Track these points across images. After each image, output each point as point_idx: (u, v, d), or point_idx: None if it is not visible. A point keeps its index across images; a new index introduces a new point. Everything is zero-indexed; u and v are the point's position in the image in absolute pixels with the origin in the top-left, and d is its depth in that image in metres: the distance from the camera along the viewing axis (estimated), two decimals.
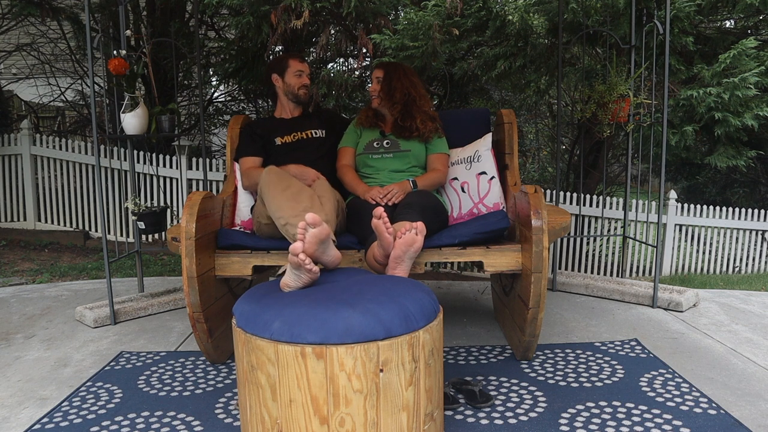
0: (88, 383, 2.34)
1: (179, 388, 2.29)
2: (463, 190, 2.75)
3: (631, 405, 2.07)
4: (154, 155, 5.29)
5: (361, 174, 2.82)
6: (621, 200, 5.30)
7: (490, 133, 2.85)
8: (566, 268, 5.24)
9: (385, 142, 2.82)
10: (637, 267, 5.42)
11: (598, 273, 5.33)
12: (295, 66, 2.91)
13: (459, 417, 2.02)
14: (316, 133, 2.92)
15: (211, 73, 6.18)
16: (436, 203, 2.53)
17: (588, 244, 5.32)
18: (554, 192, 4.23)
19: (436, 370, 1.71)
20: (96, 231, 5.55)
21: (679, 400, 2.10)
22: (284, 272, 1.98)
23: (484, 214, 2.64)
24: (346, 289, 1.73)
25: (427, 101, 2.91)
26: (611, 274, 5.31)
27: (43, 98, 7.60)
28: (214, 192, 4.55)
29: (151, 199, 5.37)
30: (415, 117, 2.78)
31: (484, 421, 1.99)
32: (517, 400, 2.14)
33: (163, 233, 3.65)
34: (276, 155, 2.82)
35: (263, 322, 1.60)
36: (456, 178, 2.80)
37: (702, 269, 5.58)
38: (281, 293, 1.75)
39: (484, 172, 2.73)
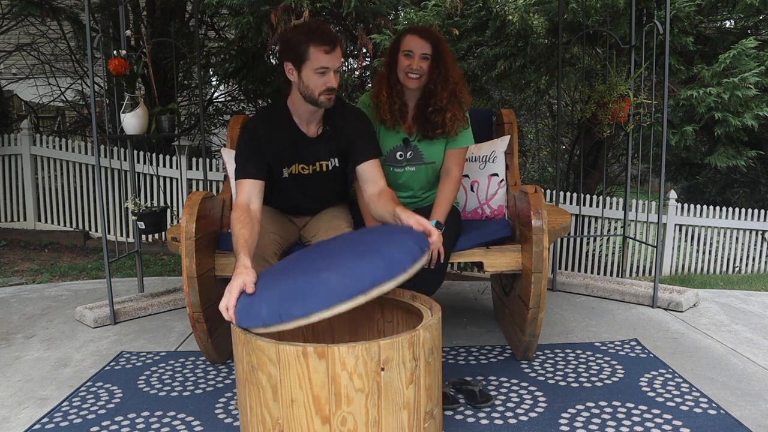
0: (88, 383, 2.34)
1: (179, 388, 2.29)
2: (471, 189, 2.71)
3: (631, 405, 2.07)
4: (154, 155, 5.29)
5: None
6: (621, 200, 5.30)
7: (509, 136, 2.78)
8: (566, 268, 5.24)
9: (408, 153, 2.45)
10: (637, 267, 5.42)
11: (598, 273, 5.33)
12: (318, 59, 2.00)
13: (459, 417, 2.02)
14: (331, 164, 2.30)
15: (211, 73, 6.19)
16: (455, 224, 2.45)
17: (588, 244, 5.32)
18: (554, 192, 4.23)
19: (435, 368, 1.71)
20: (96, 231, 5.55)
21: (679, 400, 2.10)
22: None
23: (485, 222, 2.63)
24: (325, 256, 1.72)
25: (465, 86, 2.42)
26: (611, 274, 5.31)
27: (43, 98, 7.60)
28: (214, 192, 4.55)
29: (151, 199, 5.37)
30: (446, 110, 2.34)
31: (484, 421, 1.99)
32: (517, 400, 2.14)
33: (163, 233, 3.65)
34: (281, 187, 2.32)
35: (255, 313, 1.61)
36: (467, 176, 2.71)
37: (702, 269, 5.58)
38: (265, 278, 1.74)
39: (496, 174, 2.70)
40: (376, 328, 2.08)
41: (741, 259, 5.65)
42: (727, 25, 5.51)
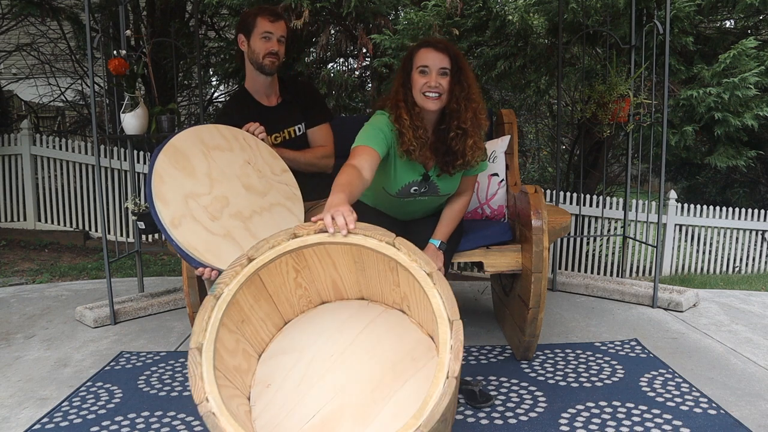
0: (88, 383, 2.34)
1: (179, 388, 2.29)
2: None
3: (631, 405, 2.07)
4: None
5: (385, 211, 2.33)
6: (621, 200, 5.30)
7: (509, 136, 2.77)
8: (566, 268, 5.24)
9: (423, 188, 2.19)
10: (637, 267, 5.42)
11: (598, 273, 5.33)
12: (263, 26, 2.34)
13: (459, 417, 2.02)
14: (299, 130, 2.49)
15: (211, 73, 6.18)
16: (456, 233, 2.37)
17: (588, 244, 5.32)
18: (554, 192, 4.23)
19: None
20: (96, 231, 5.55)
21: (679, 400, 2.10)
22: None
23: (486, 223, 2.63)
24: None
25: (485, 108, 2.16)
26: (611, 274, 5.31)
27: (43, 98, 7.60)
28: None
29: None
30: (468, 136, 2.08)
31: (484, 421, 1.99)
32: (517, 400, 2.14)
33: None
34: None
35: None
36: None
37: (702, 269, 5.58)
38: None
39: (496, 174, 2.70)
40: (388, 287, 1.70)
41: (741, 259, 5.64)
42: (727, 25, 5.51)
